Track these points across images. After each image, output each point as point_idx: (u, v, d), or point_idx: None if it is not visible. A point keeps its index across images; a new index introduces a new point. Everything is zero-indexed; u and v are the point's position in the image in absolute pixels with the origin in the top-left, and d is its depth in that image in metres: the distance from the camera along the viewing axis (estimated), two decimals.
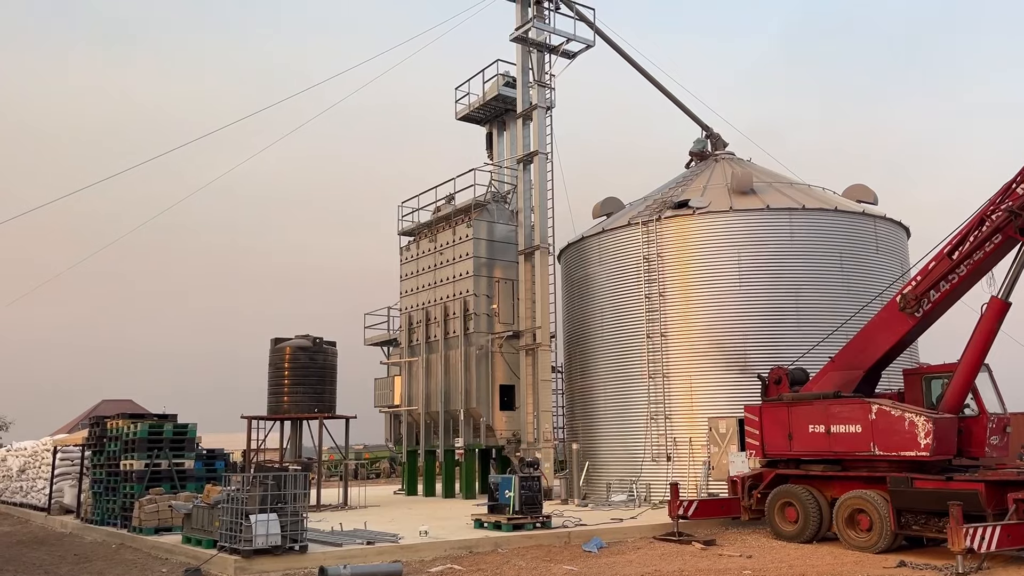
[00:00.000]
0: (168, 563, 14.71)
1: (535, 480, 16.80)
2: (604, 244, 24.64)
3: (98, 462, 20.93)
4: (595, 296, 24.71)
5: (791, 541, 15.66)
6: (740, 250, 22.18)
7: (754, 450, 17.03)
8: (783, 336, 21.34)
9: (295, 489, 13.70)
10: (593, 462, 23.93)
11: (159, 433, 19.40)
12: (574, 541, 15.83)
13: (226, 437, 37.31)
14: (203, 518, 15.05)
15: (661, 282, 22.74)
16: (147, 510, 17.40)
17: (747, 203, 22.93)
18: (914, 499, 13.87)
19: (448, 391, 27.06)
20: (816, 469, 15.81)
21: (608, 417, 23.77)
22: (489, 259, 26.95)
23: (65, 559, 16.18)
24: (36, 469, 28.09)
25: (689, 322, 22.24)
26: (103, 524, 19.73)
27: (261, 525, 13.07)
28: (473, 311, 26.45)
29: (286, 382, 24.43)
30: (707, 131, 27.98)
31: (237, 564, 12.88)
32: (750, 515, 17.05)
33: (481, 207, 27.37)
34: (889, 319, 15.91)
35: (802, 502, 15.71)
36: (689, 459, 21.64)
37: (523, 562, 13.90)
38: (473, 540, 15.30)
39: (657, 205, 24.13)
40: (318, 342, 24.99)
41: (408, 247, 30.14)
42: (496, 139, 30.05)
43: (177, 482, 19.08)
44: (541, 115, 26.38)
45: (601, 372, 24.17)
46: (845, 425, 15.09)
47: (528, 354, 25.78)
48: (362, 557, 13.67)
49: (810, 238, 22.37)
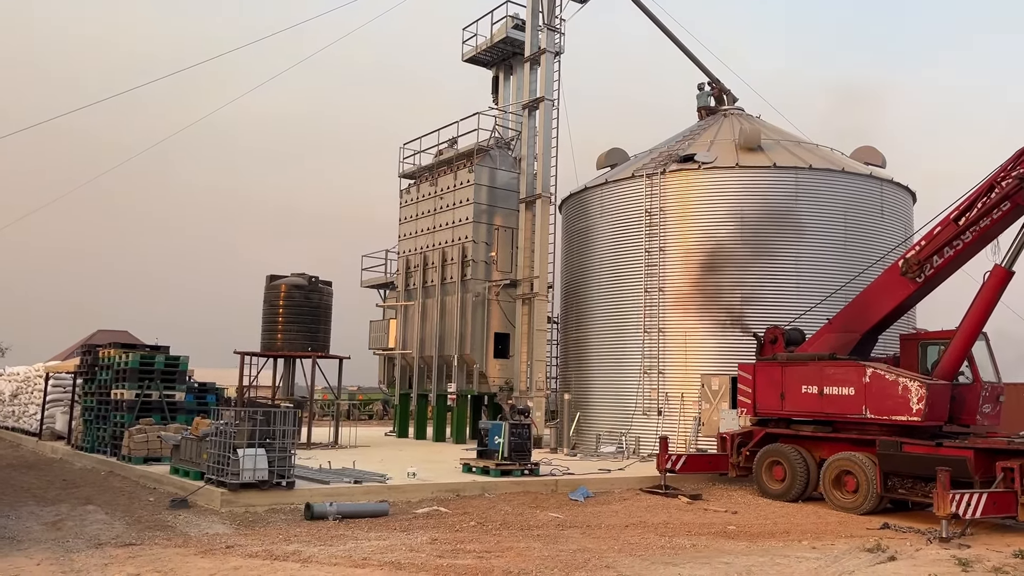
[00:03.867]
0: (156, 492, 14.76)
1: (525, 428, 16.80)
2: (606, 196, 24.35)
3: (89, 390, 20.95)
4: (595, 248, 24.51)
5: (777, 499, 15.75)
6: (744, 207, 21.92)
7: (746, 408, 17.02)
8: (782, 296, 21.23)
9: (284, 425, 13.67)
10: (584, 413, 24.00)
11: (150, 364, 19.36)
12: (561, 489, 15.89)
13: (219, 372, 37.40)
14: (191, 450, 15.07)
15: (662, 236, 22.52)
16: (136, 440, 17.44)
17: (754, 160, 22.59)
18: (902, 463, 13.89)
19: (443, 336, 27.01)
20: (806, 429, 15.82)
21: (601, 369, 23.76)
22: (490, 206, 26.64)
23: (54, 484, 16.25)
24: (28, 395, 28.19)
25: (687, 278, 22.08)
26: (93, 451, 19.81)
27: (249, 459, 13.07)
28: (471, 258, 26.24)
29: (280, 320, 24.34)
30: (715, 84, 27.49)
31: (224, 497, 12.91)
32: (738, 472, 17.12)
33: (484, 152, 26.97)
34: (890, 283, 15.76)
35: (790, 461, 15.75)
36: (680, 414, 21.69)
37: (509, 507, 13.95)
38: (461, 484, 15.35)
39: (662, 158, 23.78)
40: (313, 281, 24.84)
41: (408, 190, 29.80)
42: (502, 83, 29.48)
43: (167, 413, 19.11)
44: (549, 60, 25.86)
45: (597, 324, 24.09)
46: (838, 387, 15.04)
47: (525, 303, 25.68)
48: (349, 495, 13.69)
49: (815, 198, 22.11)
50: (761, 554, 10.64)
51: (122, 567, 9.02)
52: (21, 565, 9.05)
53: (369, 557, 9.75)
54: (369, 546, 10.42)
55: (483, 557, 9.92)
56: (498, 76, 29.69)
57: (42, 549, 9.95)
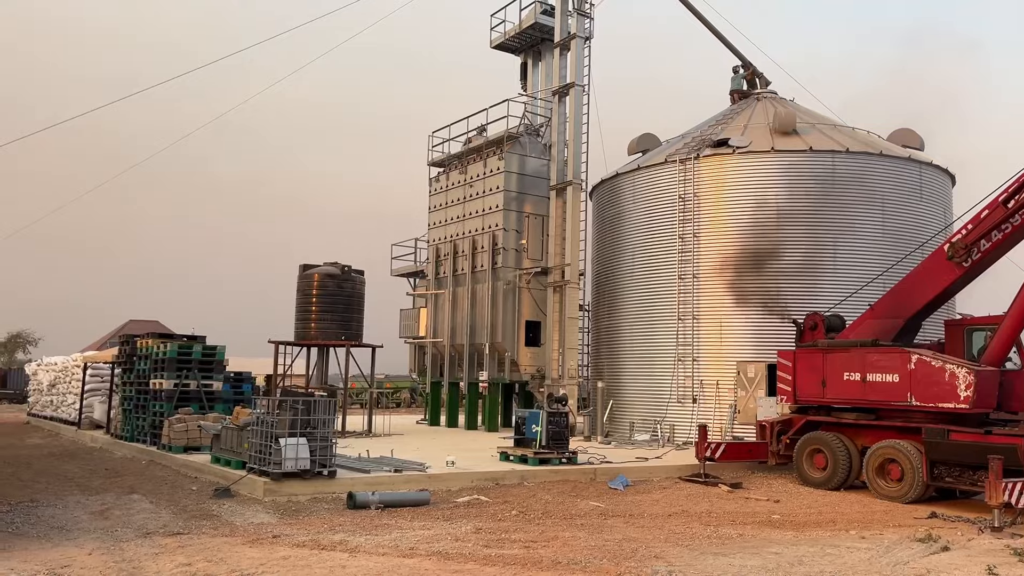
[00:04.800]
0: (197, 481, 14.87)
1: (563, 416, 16.72)
2: (639, 181, 24.12)
3: (128, 380, 21.15)
4: (626, 234, 24.30)
5: (818, 488, 15.55)
6: (780, 192, 21.62)
7: (785, 395, 16.81)
8: (820, 282, 20.93)
9: (324, 414, 13.70)
10: (617, 400, 23.87)
11: (188, 354, 19.49)
12: (599, 478, 15.81)
13: (251, 361, 37.65)
14: (232, 439, 15.15)
15: (696, 222, 22.27)
16: (176, 429, 17.59)
17: (789, 144, 22.25)
18: (950, 451, 13.64)
19: (474, 325, 26.98)
20: (849, 417, 15.60)
21: (635, 357, 23.61)
22: (520, 193, 26.50)
23: (96, 472, 16.43)
24: (66, 384, 28.55)
25: (722, 264, 21.82)
26: (132, 440, 20.02)
27: (291, 449, 13.11)
28: (502, 245, 26.14)
29: (314, 309, 24.39)
30: (748, 67, 27.10)
31: (267, 486, 12.96)
32: (777, 460, 16.94)
33: (513, 139, 26.80)
34: (935, 268, 15.45)
35: (832, 449, 15.55)
36: (715, 402, 21.51)
37: (549, 496, 13.90)
38: (500, 472, 15.32)
39: (695, 143, 23.49)
40: (346, 270, 24.86)
41: (438, 178, 29.72)
42: (531, 70, 29.26)
43: (205, 403, 19.25)
44: (579, 45, 25.62)
45: (629, 311, 23.93)
46: (882, 374, 14.79)
47: (556, 291, 25.56)
48: (390, 484, 13.71)
49: (852, 182, 21.74)
50: (810, 544, 10.50)
51: (173, 556, 9.07)
52: (73, 555, 9.12)
53: (416, 547, 9.73)
54: (414, 536, 10.40)
55: (529, 547, 9.86)
56: (527, 63, 29.48)
57: (92, 539, 10.03)
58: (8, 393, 52.77)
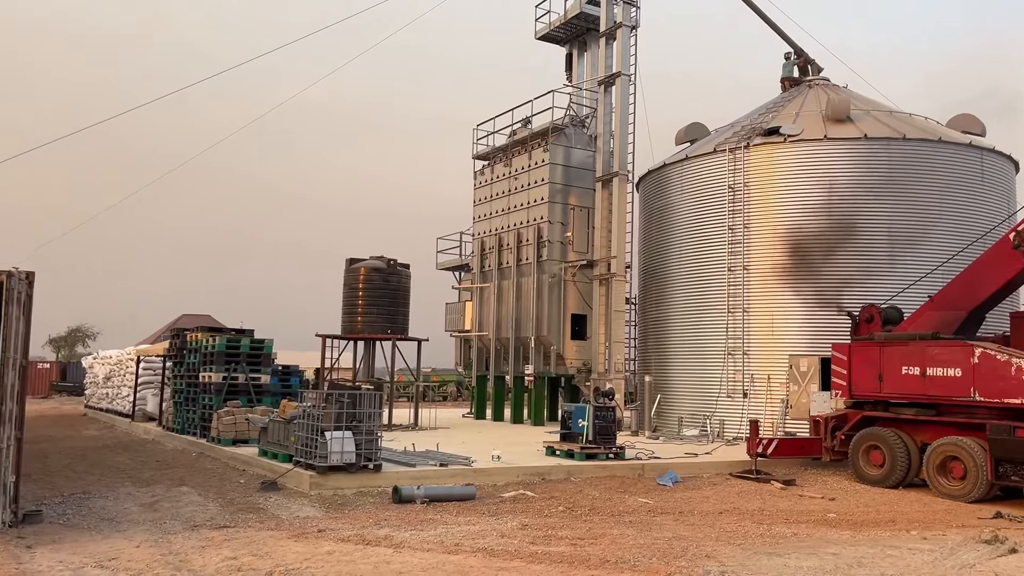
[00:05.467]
0: (245, 474, 14.96)
1: (610, 410, 16.46)
2: (687, 172, 23.67)
3: (178, 373, 21.46)
4: (674, 226, 23.88)
5: (875, 485, 15.05)
6: (833, 181, 21.00)
7: (840, 390, 16.31)
8: (876, 273, 20.28)
9: (370, 408, 13.65)
10: (665, 395, 23.50)
11: (236, 347, 19.67)
12: (648, 474, 15.52)
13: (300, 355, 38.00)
14: (279, 432, 15.22)
15: (746, 213, 21.76)
16: (225, 422, 17.75)
17: (843, 131, 21.60)
18: (1016, 448, 13.05)
19: (519, 318, 26.81)
20: (907, 413, 15.05)
21: (683, 350, 23.21)
22: (565, 185, 26.22)
23: (148, 464, 16.67)
24: (121, 377, 29.15)
25: (773, 255, 21.30)
26: (183, 433, 20.30)
27: (336, 442, 13.08)
28: (547, 238, 25.90)
29: (360, 302, 24.44)
30: (799, 54, 26.41)
31: (312, 480, 12.97)
32: (832, 456, 16.44)
33: (558, 131, 26.52)
34: (999, 258, 14.80)
35: (890, 446, 15.02)
36: (766, 397, 21.02)
37: (596, 492, 13.66)
38: (546, 467, 15.11)
39: (745, 132, 22.96)
40: (392, 264, 24.86)
41: (482, 171, 29.58)
42: (576, 60, 28.93)
43: (253, 396, 19.41)
44: (625, 34, 25.22)
45: (677, 304, 23.52)
46: (943, 368, 14.23)
47: (602, 284, 25.26)
48: (435, 478, 13.62)
49: (910, 170, 21.02)
50: (869, 544, 10.10)
51: (219, 550, 9.06)
52: (121, 547, 9.18)
53: (461, 543, 9.59)
54: (460, 531, 10.27)
55: (577, 544, 9.65)
56: (571, 53, 29.15)
57: (141, 531, 10.10)
58: (68, 386, 54.23)
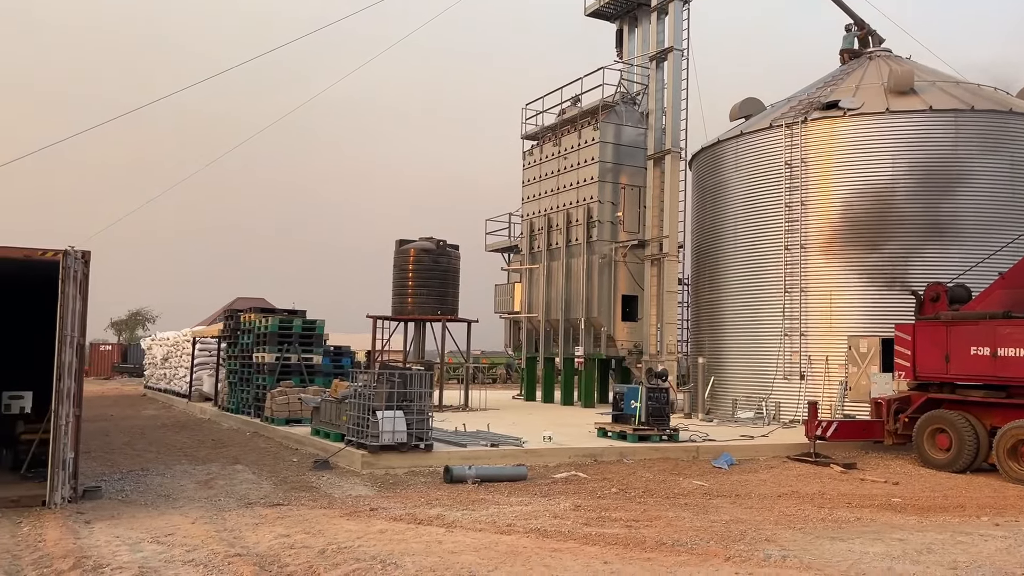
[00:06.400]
0: (298, 453, 15.07)
1: (663, 392, 16.16)
2: (742, 148, 23.07)
3: (233, 354, 21.73)
4: (729, 204, 23.33)
5: (941, 470, 14.51)
6: (896, 156, 20.24)
7: (904, 371, 15.75)
8: (941, 251, 19.53)
9: (421, 388, 13.59)
10: (719, 377, 23.07)
11: (289, 328, 19.82)
12: (702, 456, 15.22)
13: (352, 336, 38.36)
14: (331, 412, 15.28)
15: (803, 189, 21.14)
16: (278, 402, 17.91)
17: (906, 104, 20.80)
18: None
19: (569, 299, 26.56)
20: (976, 395, 14.46)
21: (738, 332, 22.73)
22: (615, 164, 25.81)
23: (204, 443, 16.91)
24: (177, 358, 29.73)
25: (832, 233, 20.66)
26: (238, 412, 20.58)
27: (388, 422, 13.06)
28: (597, 218, 25.57)
29: (410, 284, 24.47)
30: (861, 25, 25.50)
31: (364, 459, 12.97)
32: (894, 440, 15.91)
33: (609, 109, 26.09)
34: None
35: (957, 429, 14.45)
36: (824, 378, 20.47)
37: (649, 474, 13.42)
38: (598, 449, 14.91)
39: (803, 106, 22.27)
40: (442, 244, 24.81)
41: (531, 151, 29.31)
42: (627, 36, 28.39)
43: (306, 376, 19.55)
44: (677, 8, 24.64)
45: (732, 285, 23.02)
46: (1016, 348, 13.60)
47: (654, 264, 24.85)
48: (486, 459, 13.52)
49: (978, 143, 20.15)
50: (937, 530, 9.69)
51: (272, 527, 9.07)
52: (177, 523, 9.25)
53: (513, 524, 9.45)
54: (512, 512, 10.13)
55: (631, 526, 9.44)
56: (622, 29, 28.62)
57: (196, 507, 10.18)
58: (128, 367, 55.73)
